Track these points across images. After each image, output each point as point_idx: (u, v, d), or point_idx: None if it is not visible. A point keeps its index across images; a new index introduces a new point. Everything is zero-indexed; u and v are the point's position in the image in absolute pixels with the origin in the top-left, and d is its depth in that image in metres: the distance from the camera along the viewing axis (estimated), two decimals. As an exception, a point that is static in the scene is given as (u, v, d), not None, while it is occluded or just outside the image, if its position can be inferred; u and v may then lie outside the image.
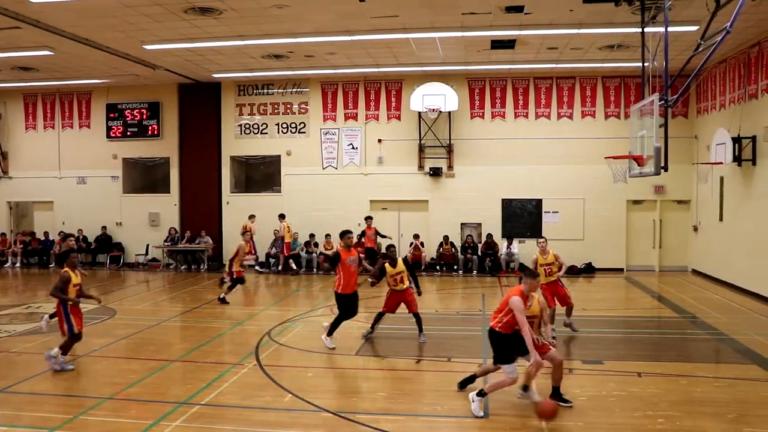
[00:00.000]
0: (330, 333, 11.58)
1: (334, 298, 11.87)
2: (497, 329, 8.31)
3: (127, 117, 24.44)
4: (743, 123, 16.98)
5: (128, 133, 24.47)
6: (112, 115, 24.52)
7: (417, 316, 12.28)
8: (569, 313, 12.61)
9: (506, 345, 8.25)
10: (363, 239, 21.37)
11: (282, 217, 22.44)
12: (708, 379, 9.64)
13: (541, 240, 13.06)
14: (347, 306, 11.54)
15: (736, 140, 16.99)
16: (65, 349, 10.25)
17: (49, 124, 25.28)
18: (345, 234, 11.86)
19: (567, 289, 12.57)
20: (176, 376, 10.04)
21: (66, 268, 10.46)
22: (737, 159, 17.03)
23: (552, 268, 12.40)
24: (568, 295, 12.45)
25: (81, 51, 18.25)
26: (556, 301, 12.41)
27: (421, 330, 12.23)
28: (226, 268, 16.86)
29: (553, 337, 11.48)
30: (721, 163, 17.55)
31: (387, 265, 12.29)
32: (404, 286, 12.29)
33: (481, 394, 8.16)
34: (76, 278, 10.52)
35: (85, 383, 9.60)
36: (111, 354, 11.32)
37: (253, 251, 22.13)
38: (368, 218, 22.04)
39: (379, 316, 12.34)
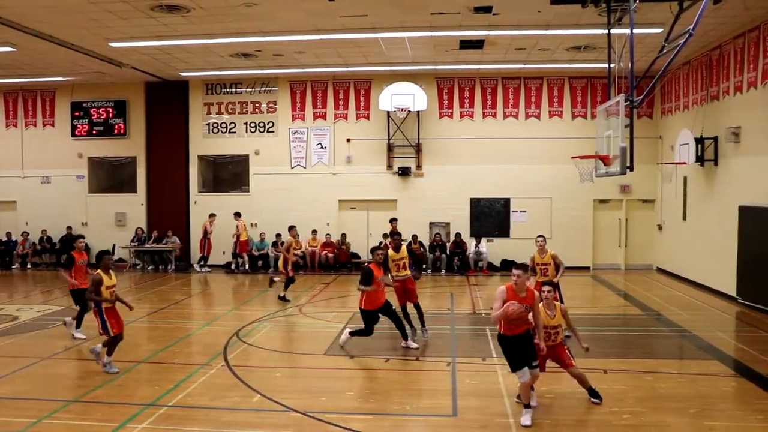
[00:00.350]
0: (352, 333, 11.47)
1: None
2: (499, 331, 8.10)
3: (93, 115, 24.07)
4: (706, 124, 17.30)
5: (94, 132, 24.11)
6: (77, 113, 24.14)
7: (418, 307, 12.24)
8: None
9: (508, 348, 8.03)
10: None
11: (237, 215, 22.42)
12: (672, 375, 9.81)
13: (539, 238, 12.76)
14: (373, 321, 11.19)
15: (699, 141, 17.28)
16: (109, 349, 10.16)
17: (12, 123, 24.79)
18: (375, 250, 11.41)
19: (560, 295, 12.29)
20: (143, 377, 9.94)
21: (99, 270, 10.19)
22: (700, 159, 17.33)
23: (549, 269, 12.36)
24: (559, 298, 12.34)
25: (44, 48, 17.92)
26: None
27: (423, 323, 12.21)
28: (281, 267, 16.68)
29: (567, 336, 11.69)
30: (685, 163, 17.85)
31: (391, 250, 12.15)
32: (406, 273, 12.24)
33: (527, 407, 7.95)
34: (109, 280, 10.22)
35: (49, 386, 9.44)
36: (76, 356, 11.16)
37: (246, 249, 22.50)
38: (393, 220, 20.81)
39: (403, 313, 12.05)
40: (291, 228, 17.10)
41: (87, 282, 11.58)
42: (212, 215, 22.55)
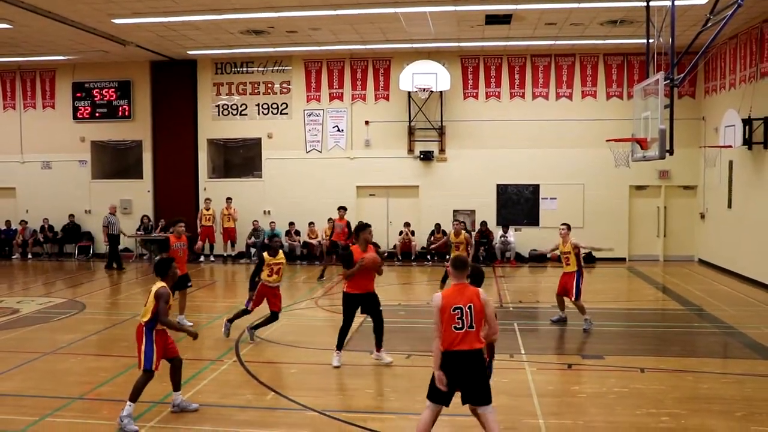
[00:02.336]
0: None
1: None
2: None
3: (96, 97, 24.24)
4: (754, 103, 17.06)
5: (97, 115, 24.29)
6: (78, 94, 24.33)
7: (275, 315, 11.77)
8: (581, 311, 12.60)
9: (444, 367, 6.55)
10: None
11: (228, 200, 22.72)
12: (715, 375, 9.72)
13: (562, 227, 12.90)
14: (350, 309, 10.30)
15: (747, 122, 17.06)
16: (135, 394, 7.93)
17: (9, 104, 25.04)
18: (365, 228, 10.50)
19: (581, 285, 12.50)
20: (150, 373, 10.01)
21: (164, 283, 8.15)
22: (747, 142, 17.12)
23: (570, 258, 12.50)
24: (573, 291, 12.47)
25: (43, 25, 18.04)
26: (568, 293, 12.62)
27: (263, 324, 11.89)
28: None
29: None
30: (731, 146, 17.64)
31: (265, 254, 11.60)
32: (279, 280, 11.76)
33: None
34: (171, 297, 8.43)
35: (51, 382, 9.55)
36: (80, 351, 11.26)
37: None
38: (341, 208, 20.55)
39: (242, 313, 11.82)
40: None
41: (185, 268, 12.46)
42: (207, 200, 22.97)
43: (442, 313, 6.43)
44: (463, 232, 15.42)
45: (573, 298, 12.49)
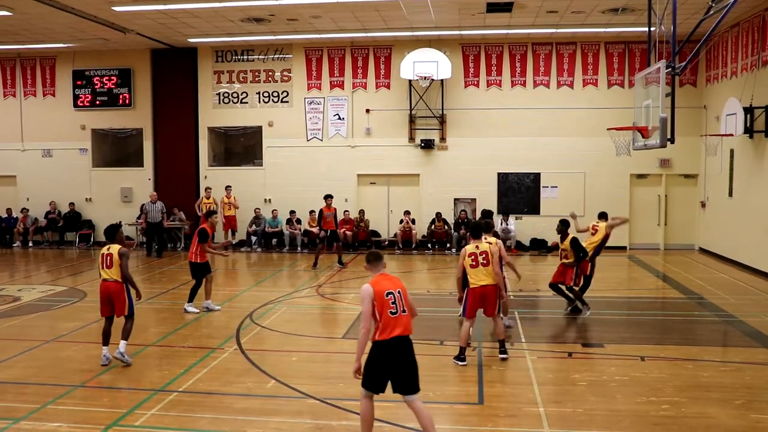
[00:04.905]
0: None
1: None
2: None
3: (96, 85, 24.18)
4: (756, 92, 17.00)
5: (97, 103, 24.24)
6: (79, 82, 24.27)
7: None
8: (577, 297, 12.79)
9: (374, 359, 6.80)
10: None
11: (228, 188, 22.71)
12: (715, 363, 9.74)
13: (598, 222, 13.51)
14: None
15: (748, 110, 17.02)
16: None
17: (10, 92, 24.97)
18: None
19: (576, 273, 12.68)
20: (152, 361, 10.05)
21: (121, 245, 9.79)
22: (749, 130, 17.08)
23: (568, 254, 12.60)
24: (563, 275, 12.73)
25: (43, 12, 17.97)
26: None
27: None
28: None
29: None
30: (732, 134, 17.59)
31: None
32: None
33: None
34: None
35: (53, 370, 9.57)
36: (81, 339, 11.28)
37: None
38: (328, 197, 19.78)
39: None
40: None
41: (206, 257, 13.28)
42: (208, 189, 22.85)
43: (377, 300, 6.61)
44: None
45: (572, 283, 12.64)
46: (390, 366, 6.61)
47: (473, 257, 9.58)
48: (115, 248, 9.69)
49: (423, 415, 6.56)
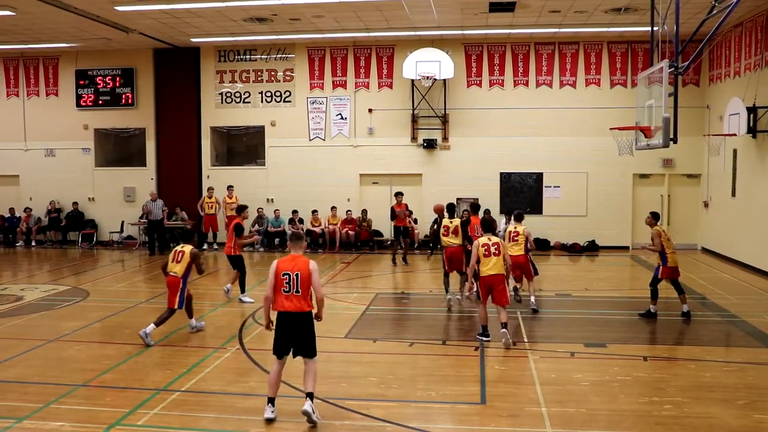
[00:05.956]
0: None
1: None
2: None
3: (99, 84, 24.20)
4: (759, 92, 16.97)
5: (100, 102, 24.26)
6: (82, 82, 24.29)
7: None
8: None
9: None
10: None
11: (230, 188, 22.79)
12: (717, 363, 9.73)
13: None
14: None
15: (752, 110, 16.99)
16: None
17: (13, 92, 25.00)
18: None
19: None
20: (154, 361, 10.05)
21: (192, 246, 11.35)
22: (752, 130, 17.06)
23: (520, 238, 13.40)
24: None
25: (45, 11, 17.99)
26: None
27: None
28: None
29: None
30: (735, 134, 17.56)
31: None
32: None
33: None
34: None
35: (55, 369, 9.58)
36: (84, 338, 11.29)
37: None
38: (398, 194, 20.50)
39: None
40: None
41: (239, 250, 14.19)
42: (210, 189, 22.94)
43: (275, 277, 7.61)
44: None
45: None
46: (284, 335, 7.59)
47: (486, 247, 10.59)
48: (188, 248, 11.13)
49: (307, 373, 7.60)
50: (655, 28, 14.62)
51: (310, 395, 7.47)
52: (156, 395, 8.33)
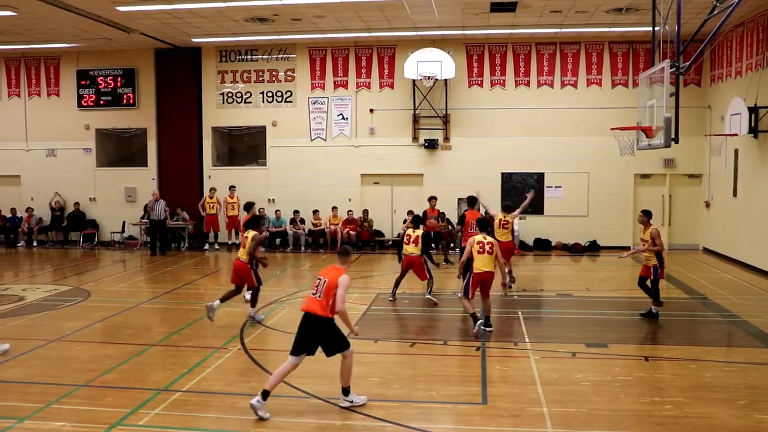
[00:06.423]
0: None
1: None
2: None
3: (100, 84, 24.21)
4: (761, 91, 16.96)
5: (101, 102, 24.27)
6: (83, 82, 24.30)
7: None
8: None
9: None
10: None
11: (232, 188, 22.74)
12: (718, 363, 9.73)
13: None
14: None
15: (753, 110, 16.97)
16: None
17: (14, 92, 25.02)
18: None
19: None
20: (155, 361, 10.06)
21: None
22: (753, 130, 17.04)
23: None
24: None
25: (47, 12, 18.00)
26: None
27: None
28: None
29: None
30: (736, 134, 17.55)
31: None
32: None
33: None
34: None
35: (57, 369, 9.58)
36: (85, 338, 11.30)
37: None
38: (432, 199, 20.52)
39: None
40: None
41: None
42: (212, 189, 22.94)
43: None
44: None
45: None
46: (300, 334, 8.00)
47: (481, 245, 11.20)
48: (251, 233, 12.27)
49: (341, 366, 8.07)
50: (656, 28, 14.60)
51: (342, 390, 8.03)
52: (157, 395, 8.34)
